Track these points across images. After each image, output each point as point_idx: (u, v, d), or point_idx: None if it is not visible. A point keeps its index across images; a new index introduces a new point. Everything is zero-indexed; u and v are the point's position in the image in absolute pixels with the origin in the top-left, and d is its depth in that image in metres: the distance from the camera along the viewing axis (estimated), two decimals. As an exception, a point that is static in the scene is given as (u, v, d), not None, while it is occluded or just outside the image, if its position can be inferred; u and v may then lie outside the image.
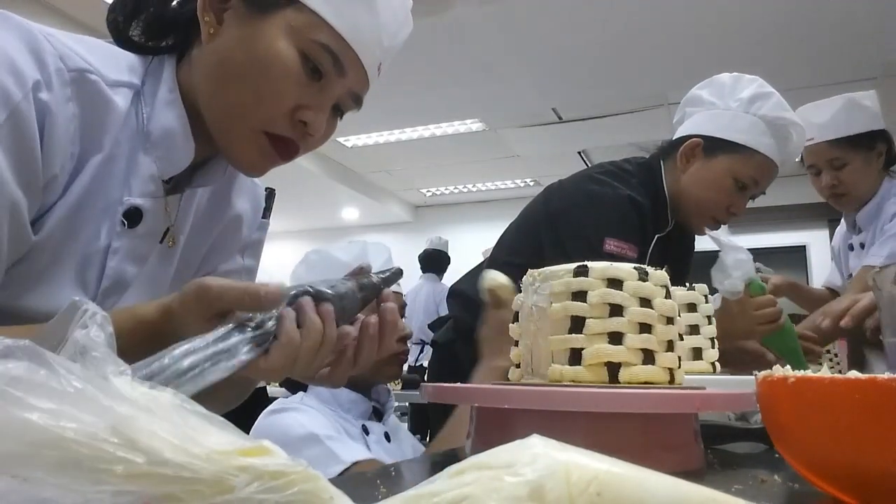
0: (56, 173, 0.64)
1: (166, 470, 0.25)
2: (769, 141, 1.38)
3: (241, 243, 0.92)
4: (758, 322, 1.30)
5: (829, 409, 0.44)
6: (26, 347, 0.27)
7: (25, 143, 0.61)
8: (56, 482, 0.24)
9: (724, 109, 1.42)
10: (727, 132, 1.39)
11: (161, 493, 0.25)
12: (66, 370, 0.27)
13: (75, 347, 0.31)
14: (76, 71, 0.65)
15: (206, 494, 0.25)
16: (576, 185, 1.44)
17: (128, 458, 0.25)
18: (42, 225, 0.65)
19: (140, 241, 0.73)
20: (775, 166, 1.41)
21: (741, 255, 1.30)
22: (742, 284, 1.29)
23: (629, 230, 1.34)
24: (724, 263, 1.31)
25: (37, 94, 0.61)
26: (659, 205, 1.44)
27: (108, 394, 0.27)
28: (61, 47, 0.64)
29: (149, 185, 0.72)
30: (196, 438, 0.27)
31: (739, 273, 1.30)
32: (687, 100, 1.51)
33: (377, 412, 1.38)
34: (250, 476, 0.26)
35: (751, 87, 1.41)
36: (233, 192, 0.89)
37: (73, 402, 0.25)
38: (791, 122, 1.39)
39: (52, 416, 0.24)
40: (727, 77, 1.45)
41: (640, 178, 1.44)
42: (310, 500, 0.27)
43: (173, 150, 0.73)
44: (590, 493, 0.27)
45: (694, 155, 1.43)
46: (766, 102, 1.39)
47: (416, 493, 0.28)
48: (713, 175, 1.40)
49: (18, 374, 0.25)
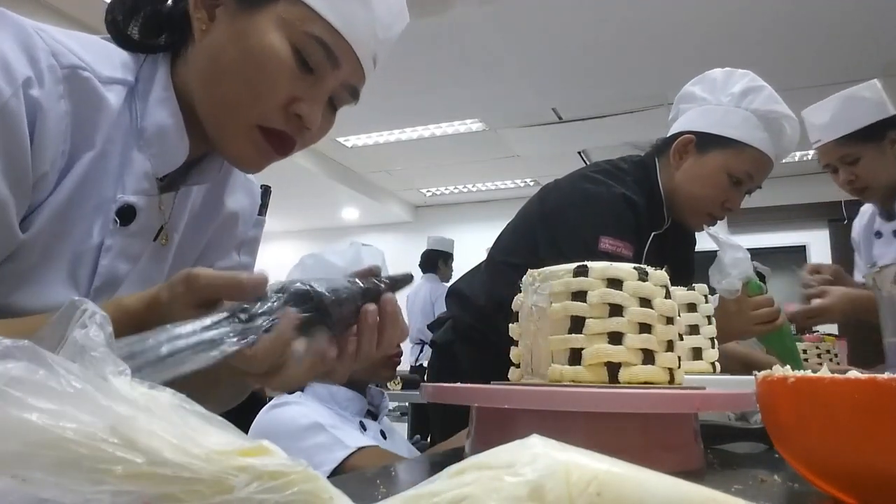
0: (46, 171, 0.64)
1: (165, 470, 0.25)
2: (762, 135, 1.37)
3: (237, 240, 0.92)
4: (755, 322, 1.30)
5: (829, 409, 0.44)
6: (26, 347, 0.27)
7: (14, 140, 0.60)
8: (55, 482, 0.24)
9: (715, 105, 1.41)
10: (719, 127, 1.39)
11: (160, 493, 0.25)
12: (66, 370, 0.26)
13: (74, 347, 0.30)
14: (69, 68, 0.65)
15: (206, 494, 0.25)
16: (571, 185, 1.44)
17: (127, 458, 0.25)
18: (31, 223, 0.65)
19: (133, 239, 0.73)
20: (769, 160, 1.40)
21: (739, 253, 1.30)
22: (739, 283, 1.29)
23: (624, 228, 1.34)
24: (722, 262, 1.31)
25: (27, 91, 0.61)
26: (654, 202, 1.43)
27: (107, 394, 0.27)
28: (54, 44, 0.64)
29: (143, 183, 0.72)
30: (195, 438, 0.27)
31: (737, 272, 1.30)
32: (680, 96, 1.51)
33: (371, 414, 1.40)
34: (250, 476, 0.26)
35: (742, 82, 1.40)
36: (228, 190, 0.88)
37: (73, 402, 0.25)
38: (784, 115, 1.38)
39: (52, 416, 0.24)
40: (719, 72, 1.45)
41: (635, 175, 1.44)
42: (309, 500, 0.27)
43: (167, 148, 0.72)
44: (590, 493, 0.27)
45: (687, 151, 1.42)
46: (758, 96, 1.38)
47: (416, 493, 0.28)
48: (707, 171, 1.40)
49: (18, 375, 0.25)
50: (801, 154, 5.37)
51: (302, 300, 0.58)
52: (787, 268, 2.66)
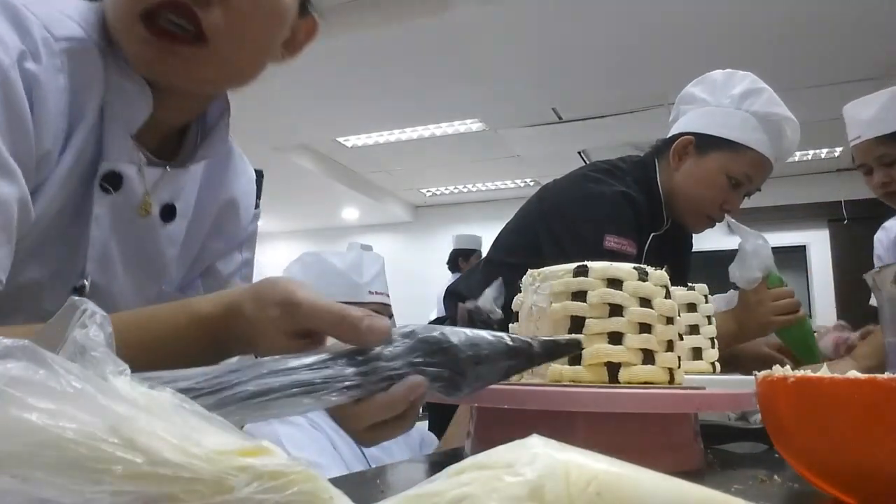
0: (49, 149, 0.60)
1: (165, 470, 0.25)
2: (762, 137, 1.37)
3: (238, 238, 0.89)
4: (775, 312, 1.30)
5: (829, 409, 0.44)
6: (25, 347, 0.27)
7: (18, 115, 0.57)
8: (55, 482, 0.24)
9: (716, 106, 1.41)
10: (719, 129, 1.39)
11: (160, 493, 0.25)
12: (66, 370, 0.26)
13: (74, 347, 0.30)
14: (65, 39, 0.60)
15: (206, 494, 0.25)
16: (571, 184, 1.44)
17: (127, 458, 0.25)
18: (35, 202, 0.61)
19: (121, 208, 0.69)
20: (769, 162, 1.40)
21: (759, 240, 1.31)
22: (759, 273, 1.29)
23: (627, 226, 1.34)
24: (744, 251, 1.32)
25: (22, 65, 0.56)
26: (654, 202, 1.44)
27: (107, 394, 0.27)
28: (44, 14, 0.60)
29: (124, 148, 0.67)
30: (195, 438, 0.27)
31: (757, 261, 1.30)
32: (681, 98, 1.51)
33: None
34: (250, 476, 0.26)
35: (743, 84, 1.40)
36: (229, 175, 0.85)
37: (73, 401, 0.25)
38: (784, 117, 1.38)
39: (51, 416, 0.25)
40: (720, 74, 1.45)
41: (634, 175, 1.44)
42: (310, 500, 0.27)
43: (130, 99, 0.66)
44: (589, 492, 0.27)
45: (686, 153, 1.42)
46: (758, 98, 1.38)
47: (417, 493, 0.28)
48: (706, 172, 1.40)
49: (17, 375, 0.25)
50: (801, 154, 5.37)
51: (432, 350, 0.49)
52: (787, 268, 2.65)
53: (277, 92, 4.19)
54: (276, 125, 4.81)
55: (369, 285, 1.35)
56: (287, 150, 5.53)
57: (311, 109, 4.51)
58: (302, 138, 5.45)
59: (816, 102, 4.14)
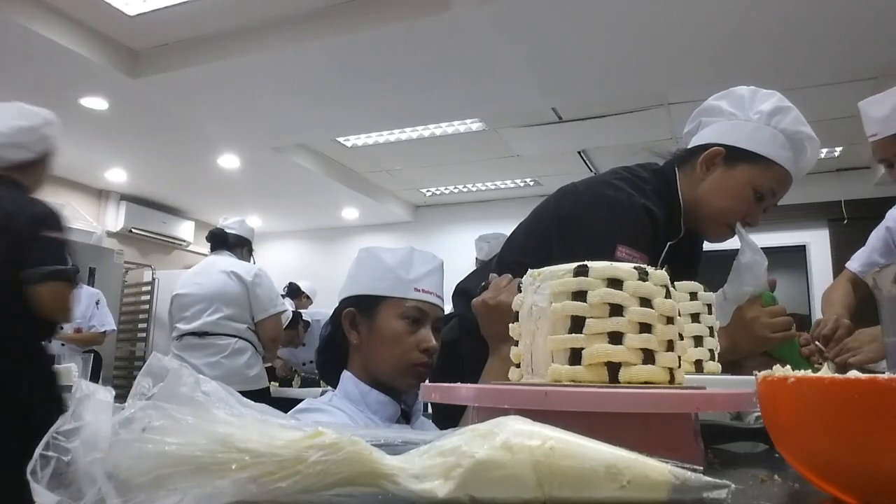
0: None
1: (263, 459, 0.40)
2: (787, 154, 1.39)
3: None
4: (773, 330, 1.31)
5: (829, 409, 0.44)
6: (157, 406, 0.42)
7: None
8: (195, 484, 0.38)
9: (745, 121, 1.42)
10: (749, 143, 1.40)
11: (262, 472, 0.39)
12: (181, 414, 0.42)
13: (182, 398, 0.44)
14: None
15: (290, 466, 0.40)
16: (590, 190, 1.43)
17: (236, 457, 0.40)
18: None
19: None
20: (790, 178, 1.42)
21: (758, 256, 1.32)
22: (750, 288, 1.31)
23: (642, 240, 1.34)
24: (739, 263, 1.32)
25: None
26: (674, 213, 1.44)
27: (211, 421, 0.42)
28: None
29: None
30: (276, 435, 0.42)
31: (751, 275, 1.31)
32: (702, 110, 1.52)
33: (405, 414, 1.37)
34: (315, 450, 0.41)
35: (771, 101, 1.42)
36: None
37: (193, 432, 0.41)
38: (808, 136, 1.41)
39: (180, 445, 0.40)
40: (745, 90, 1.46)
41: (654, 185, 1.44)
42: (356, 456, 0.41)
43: None
44: (545, 447, 0.42)
45: (715, 163, 1.43)
46: (786, 116, 1.40)
47: (428, 446, 0.44)
48: (733, 184, 1.41)
49: (153, 424, 0.41)
50: (801, 154, 5.37)
51: None
52: (787, 268, 2.66)
53: (277, 92, 4.19)
54: (276, 125, 4.82)
55: (415, 282, 1.36)
56: (287, 150, 5.53)
57: (311, 109, 4.51)
58: (302, 138, 5.45)
59: (816, 102, 4.15)
